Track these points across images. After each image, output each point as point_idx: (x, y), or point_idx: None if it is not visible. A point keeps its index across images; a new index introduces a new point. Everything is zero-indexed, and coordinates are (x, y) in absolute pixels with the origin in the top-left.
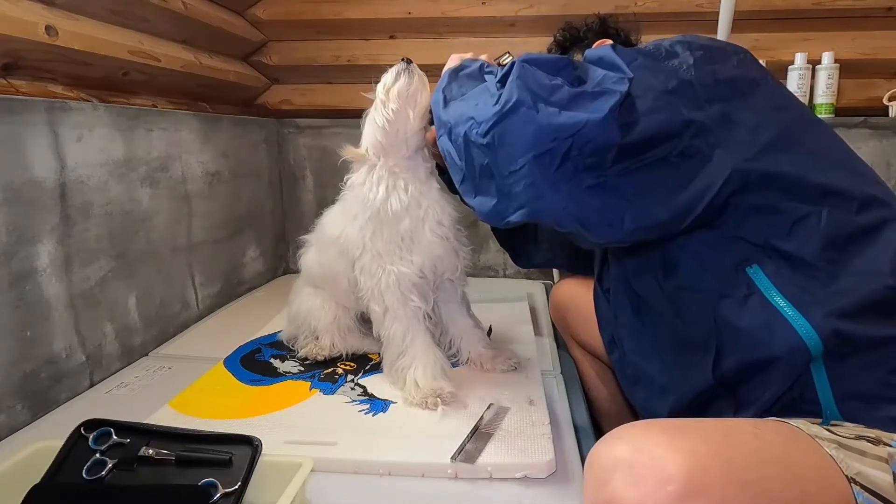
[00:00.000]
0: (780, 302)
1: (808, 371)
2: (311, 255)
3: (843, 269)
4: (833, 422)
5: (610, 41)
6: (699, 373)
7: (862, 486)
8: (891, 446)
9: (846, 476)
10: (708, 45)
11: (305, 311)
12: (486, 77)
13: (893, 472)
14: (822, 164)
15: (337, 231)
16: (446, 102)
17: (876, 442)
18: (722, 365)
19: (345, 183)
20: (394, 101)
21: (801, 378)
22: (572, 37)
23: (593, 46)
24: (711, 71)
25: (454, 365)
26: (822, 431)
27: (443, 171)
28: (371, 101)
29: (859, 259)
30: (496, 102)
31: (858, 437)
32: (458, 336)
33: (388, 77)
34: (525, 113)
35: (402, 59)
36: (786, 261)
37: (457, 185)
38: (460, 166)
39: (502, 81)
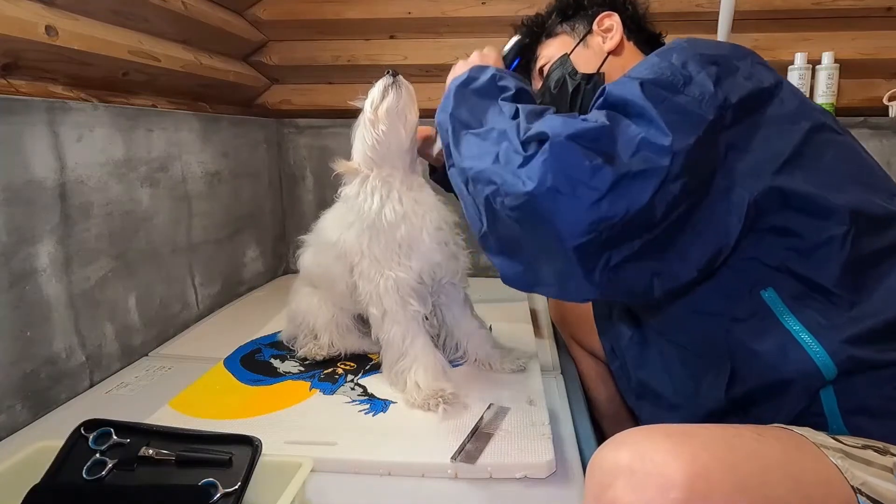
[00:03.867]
0: (795, 326)
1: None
2: (310, 256)
3: (862, 295)
4: (837, 436)
5: (616, 16)
6: (711, 393)
7: (868, 497)
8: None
9: (852, 486)
10: (717, 56)
11: (304, 310)
12: (502, 95)
13: None
14: (840, 180)
15: (334, 236)
16: (456, 133)
17: (883, 452)
18: (735, 387)
19: (338, 196)
20: (383, 122)
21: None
22: (576, 3)
23: (598, 19)
24: (724, 96)
25: (455, 365)
26: (828, 440)
27: (434, 171)
28: (360, 109)
29: (880, 284)
30: (527, 177)
31: (865, 447)
32: (465, 338)
33: (374, 93)
34: (563, 201)
35: (388, 72)
36: (802, 284)
37: (475, 235)
38: (481, 221)
39: (529, 142)
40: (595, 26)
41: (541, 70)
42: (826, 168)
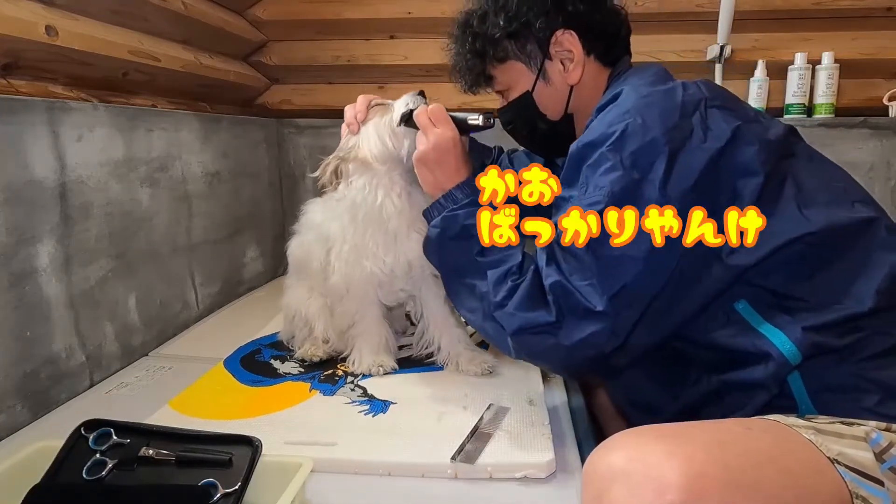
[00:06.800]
0: (766, 327)
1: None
2: (294, 242)
3: (824, 295)
4: (808, 416)
5: (574, 35)
6: (690, 388)
7: (847, 467)
8: (865, 426)
9: (828, 458)
10: (669, 127)
11: (295, 303)
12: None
13: (873, 450)
14: (807, 211)
15: (318, 219)
16: (448, 279)
17: (849, 424)
18: (711, 381)
19: (349, 183)
20: (407, 136)
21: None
22: (521, 22)
23: (553, 40)
24: (680, 188)
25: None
26: (799, 420)
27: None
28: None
29: (842, 285)
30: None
31: (832, 422)
32: (438, 333)
33: (401, 109)
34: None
35: (418, 93)
36: (772, 295)
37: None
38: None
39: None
40: (552, 49)
41: (500, 91)
42: (794, 209)
